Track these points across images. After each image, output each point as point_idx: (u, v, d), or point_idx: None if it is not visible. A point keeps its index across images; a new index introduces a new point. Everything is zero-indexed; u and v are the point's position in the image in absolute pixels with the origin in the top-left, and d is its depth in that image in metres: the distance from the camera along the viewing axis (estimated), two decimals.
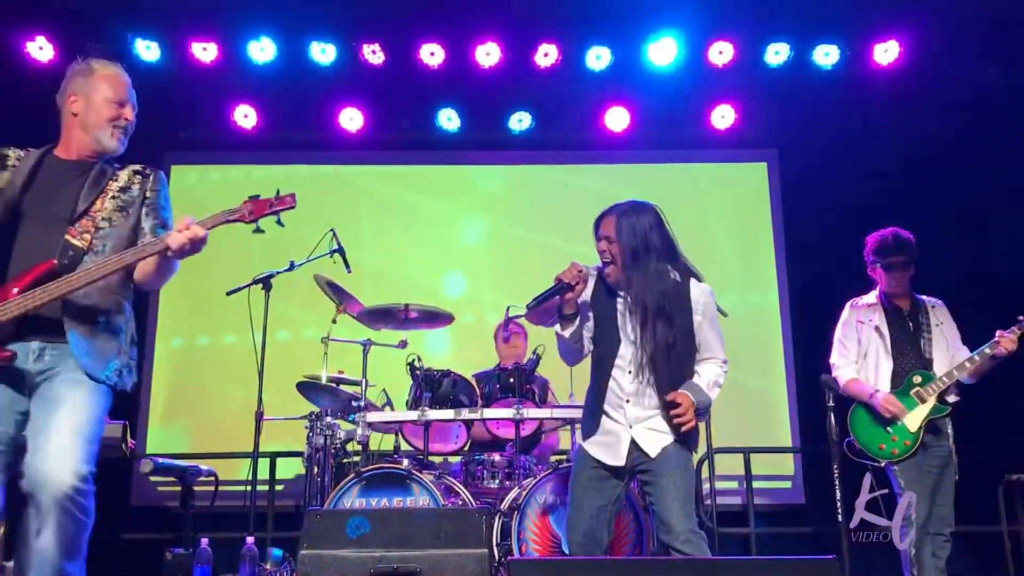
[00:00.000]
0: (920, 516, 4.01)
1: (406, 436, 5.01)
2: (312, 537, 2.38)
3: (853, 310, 4.53)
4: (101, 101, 2.97)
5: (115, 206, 2.88)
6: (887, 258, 4.42)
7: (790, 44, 6.48)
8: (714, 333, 3.48)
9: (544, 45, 6.44)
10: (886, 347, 4.32)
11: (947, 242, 5.93)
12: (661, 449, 3.29)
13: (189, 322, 6.81)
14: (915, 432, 4.12)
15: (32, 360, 2.70)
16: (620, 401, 3.36)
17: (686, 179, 7.08)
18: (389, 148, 7.06)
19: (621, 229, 3.41)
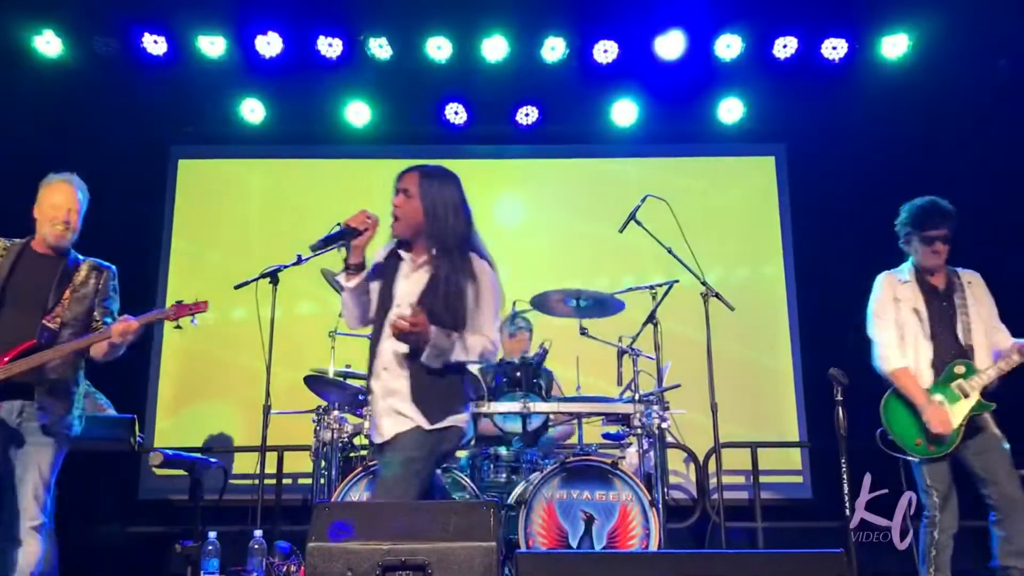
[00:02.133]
0: (948, 518, 3.85)
1: None
2: (319, 530, 2.38)
3: (888, 286, 4.17)
4: (47, 206, 3.77)
5: (76, 298, 3.72)
6: (926, 229, 4.06)
7: (798, 38, 6.46)
8: (487, 311, 3.26)
9: (551, 39, 6.43)
10: (925, 332, 4.01)
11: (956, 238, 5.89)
12: (393, 436, 3.11)
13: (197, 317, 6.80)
14: (956, 429, 3.86)
15: (15, 416, 3.54)
16: (378, 369, 3.23)
17: (693, 173, 7.06)
18: (396, 142, 7.05)
19: (424, 190, 3.31)
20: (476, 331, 3.21)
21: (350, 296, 3.32)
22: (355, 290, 3.30)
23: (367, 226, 3.27)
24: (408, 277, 3.29)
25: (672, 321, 4.95)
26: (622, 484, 4.26)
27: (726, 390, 5.08)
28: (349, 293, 3.31)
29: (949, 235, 4.07)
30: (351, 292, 3.31)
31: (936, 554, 3.83)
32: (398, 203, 3.35)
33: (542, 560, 2.42)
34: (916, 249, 4.12)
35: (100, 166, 6.46)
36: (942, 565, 3.85)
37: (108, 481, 5.87)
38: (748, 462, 6.12)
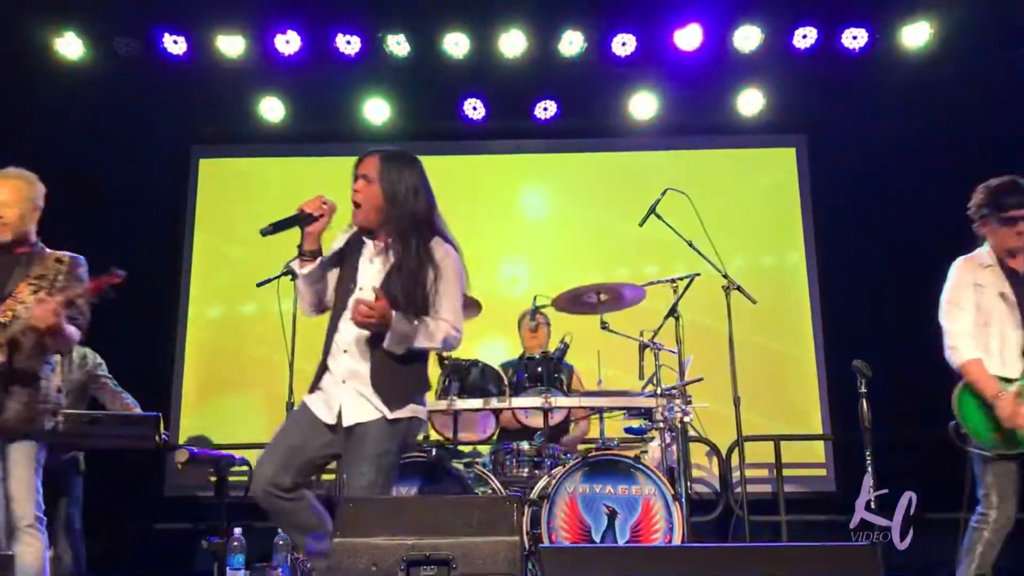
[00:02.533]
0: (1003, 518, 3.65)
1: (435, 425, 5.03)
2: (345, 525, 2.39)
3: (967, 271, 3.86)
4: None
5: (30, 291, 3.56)
6: (1006, 210, 3.76)
7: (817, 28, 6.41)
8: (450, 296, 3.21)
9: (569, 33, 6.41)
10: (1015, 319, 3.71)
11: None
12: (356, 424, 3.08)
13: (219, 317, 6.87)
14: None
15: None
16: (337, 351, 3.18)
17: (714, 166, 7.03)
18: (414, 138, 7.06)
19: (384, 174, 3.23)
20: (439, 317, 3.18)
21: (304, 283, 3.28)
22: (309, 276, 3.26)
23: (322, 212, 3.22)
24: (372, 261, 3.25)
25: (694, 314, 4.92)
26: (645, 478, 4.25)
27: (749, 383, 5.04)
28: (303, 280, 3.27)
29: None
30: (305, 279, 3.26)
31: (981, 551, 3.66)
32: (358, 188, 3.26)
33: (566, 554, 2.42)
34: (995, 231, 3.83)
35: (122, 166, 6.56)
36: (985, 564, 3.67)
37: (134, 479, 5.93)
38: (771, 455, 6.09)
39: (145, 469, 6.14)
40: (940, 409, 5.92)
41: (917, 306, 6.18)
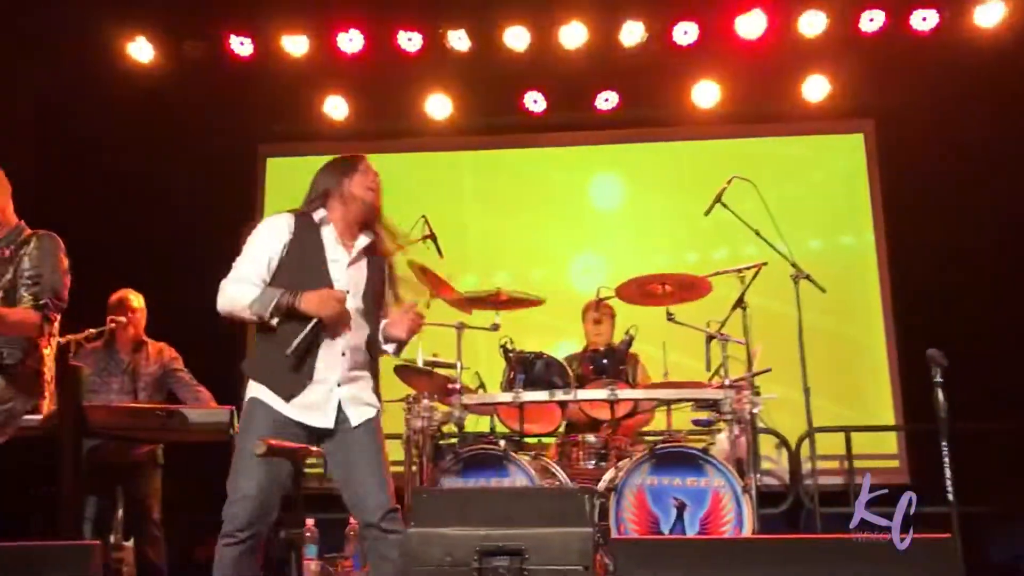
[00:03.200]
0: None
1: (501, 418, 5.06)
2: (418, 516, 2.43)
3: None
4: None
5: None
6: None
7: (885, 10, 6.27)
8: None
9: (629, 22, 6.37)
10: None
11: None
12: (362, 422, 3.14)
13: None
14: None
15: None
16: (334, 355, 3.13)
17: (779, 153, 6.93)
18: (476, 133, 7.11)
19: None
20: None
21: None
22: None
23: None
24: (356, 264, 3.26)
25: (762, 304, 4.87)
26: (713, 470, 4.22)
27: (819, 373, 4.98)
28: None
29: None
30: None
31: None
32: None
33: (638, 546, 2.42)
34: None
35: (192, 166, 6.72)
36: None
37: (207, 470, 6.06)
38: (842, 447, 5.99)
39: (218, 461, 6.28)
40: (1019, 399, 5.81)
41: (991, 293, 6.07)
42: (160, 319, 5.11)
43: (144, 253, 6.38)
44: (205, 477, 5.95)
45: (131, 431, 4.27)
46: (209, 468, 5.95)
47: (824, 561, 2.46)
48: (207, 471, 5.94)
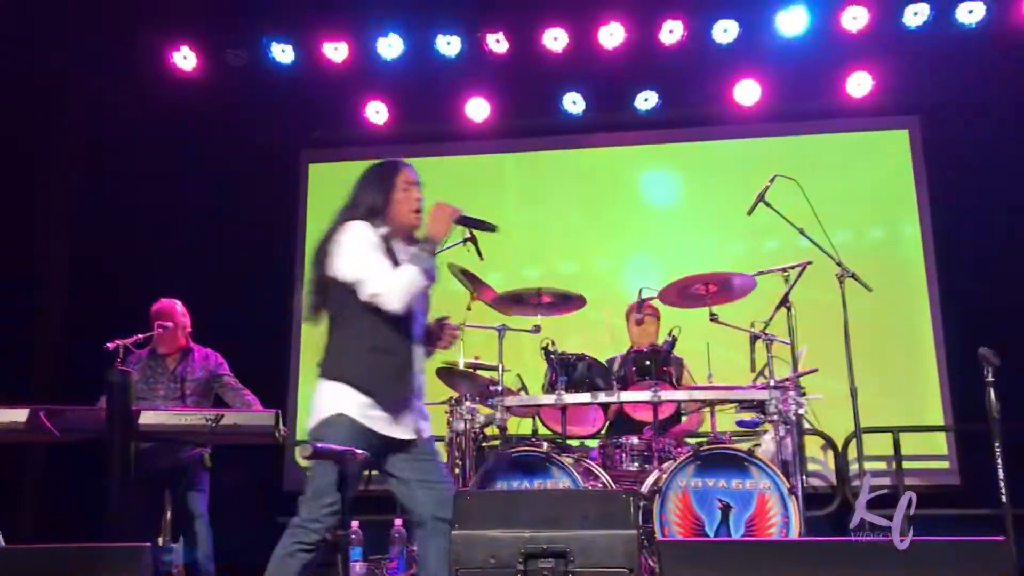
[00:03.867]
0: None
1: (543, 420, 5.05)
2: (463, 517, 2.43)
3: None
4: None
5: None
6: None
7: (930, 3, 6.16)
8: None
9: (669, 21, 6.34)
10: None
11: None
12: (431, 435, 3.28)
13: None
14: None
15: None
16: (416, 370, 3.25)
17: (823, 150, 6.84)
18: (516, 135, 7.12)
19: None
20: None
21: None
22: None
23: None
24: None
25: (807, 303, 4.81)
26: (759, 472, 4.17)
27: (866, 373, 4.90)
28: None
29: None
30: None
31: None
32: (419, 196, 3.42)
33: (685, 548, 2.41)
34: None
35: (235, 173, 6.82)
36: None
37: (255, 472, 6.14)
38: (890, 447, 5.90)
39: (265, 464, 6.36)
40: None
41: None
42: (205, 325, 5.18)
43: (189, 260, 6.48)
44: (251, 479, 6.07)
45: (179, 435, 4.34)
46: (255, 471, 6.09)
47: (872, 564, 2.42)
48: (254, 474, 6.06)
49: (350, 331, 3.16)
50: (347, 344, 3.15)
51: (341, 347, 3.17)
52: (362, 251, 3.15)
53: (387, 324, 3.12)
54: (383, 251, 3.20)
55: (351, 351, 3.13)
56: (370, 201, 3.33)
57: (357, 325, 3.14)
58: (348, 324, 3.17)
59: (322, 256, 3.22)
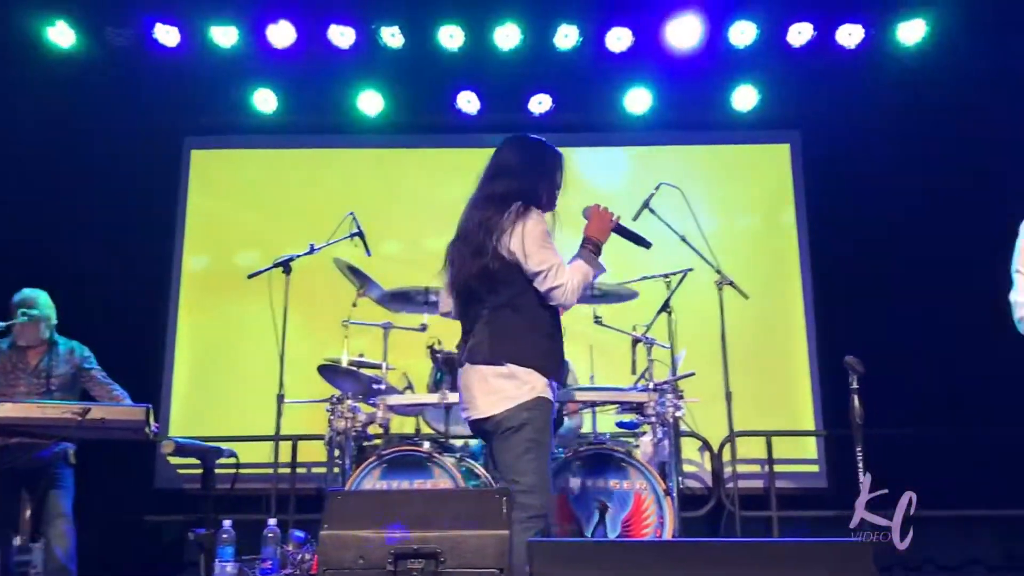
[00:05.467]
0: None
1: (427, 419, 5.02)
2: (333, 518, 2.38)
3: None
4: None
5: None
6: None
7: (813, 24, 6.39)
8: None
9: (564, 26, 6.39)
10: None
11: (975, 221, 5.80)
12: None
13: (210, 308, 6.84)
14: None
15: None
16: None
17: (708, 161, 7.01)
18: (408, 131, 7.05)
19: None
20: None
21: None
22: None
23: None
24: None
25: (686, 309, 4.92)
26: (636, 473, 4.24)
27: (741, 378, 5.05)
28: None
29: None
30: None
31: None
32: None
33: (556, 548, 2.40)
34: None
35: (114, 157, 6.53)
36: None
37: (124, 470, 5.90)
38: (763, 451, 6.09)
39: (135, 461, 6.12)
40: (933, 406, 5.98)
41: (909, 304, 6.23)
42: (74, 317, 4.95)
43: (59, 247, 6.18)
44: (118, 477, 5.82)
45: (41, 429, 4.11)
46: (123, 467, 5.84)
47: (741, 564, 2.46)
48: (120, 471, 5.82)
49: (531, 316, 3.18)
50: (526, 329, 3.17)
51: (520, 332, 3.16)
52: (547, 242, 3.19)
53: (553, 312, 3.23)
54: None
55: (532, 336, 3.17)
56: (542, 190, 3.35)
57: (535, 311, 3.18)
58: (525, 309, 3.18)
59: (492, 230, 3.19)
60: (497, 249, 3.14)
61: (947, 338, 6.01)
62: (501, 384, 3.11)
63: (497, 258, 3.14)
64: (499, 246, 3.14)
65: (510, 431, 3.07)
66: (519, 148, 3.42)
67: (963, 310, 5.70)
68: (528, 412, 3.07)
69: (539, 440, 3.07)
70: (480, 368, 3.17)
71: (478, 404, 3.16)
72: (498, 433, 3.12)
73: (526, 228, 3.14)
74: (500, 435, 3.11)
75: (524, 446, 3.05)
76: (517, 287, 3.17)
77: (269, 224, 6.87)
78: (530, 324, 3.17)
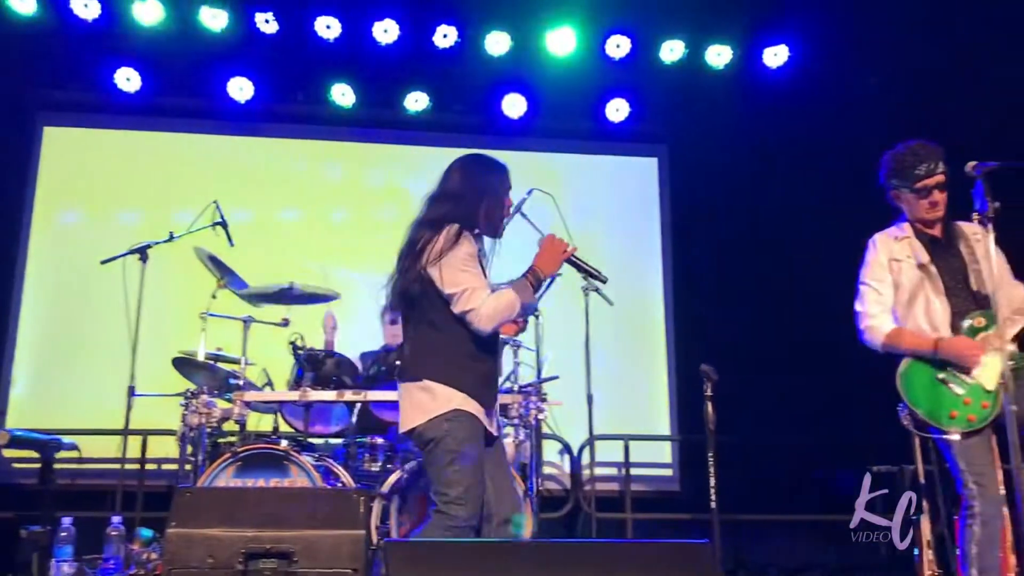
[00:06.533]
0: (991, 507, 3.24)
1: (286, 417, 4.91)
2: (181, 515, 2.29)
3: (882, 247, 3.60)
4: None
5: None
6: (917, 180, 3.47)
7: (685, 42, 6.60)
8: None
9: (444, 26, 6.37)
10: (937, 288, 3.46)
11: (827, 236, 6.10)
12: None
13: (58, 292, 6.46)
14: (992, 391, 3.27)
15: None
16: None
17: (580, 169, 7.13)
18: (280, 121, 6.87)
19: None
20: None
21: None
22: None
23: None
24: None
25: (553, 314, 4.99)
26: (298, 471, 4.21)
27: (603, 384, 5.17)
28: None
29: (947, 179, 3.47)
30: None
31: (978, 552, 3.23)
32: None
33: (413, 549, 2.39)
34: (908, 202, 3.56)
35: None
36: (989, 567, 3.24)
37: None
38: (621, 454, 6.23)
39: None
40: (783, 414, 6.27)
41: (763, 317, 6.52)
42: None
43: None
44: None
45: None
46: None
47: (592, 565, 2.51)
48: None
49: (449, 335, 3.16)
50: (447, 348, 3.16)
51: (438, 350, 3.17)
52: (466, 266, 3.15)
53: (477, 334, 3.16)
54: (479, 260, 3.24)
55: (452, 356, 3.16)
56: (482, 215, 3.33)
57: (455, 331, 3.15)
58: (446, 328, 3.16)
59: (420, 252, 3.18)
60: (421, 270, 3.16)
61: (799, 348, 6.31)
62: (421, 397, 3.14)
63: (419, 279, 3.17)
64: (423, 267, 3.16)
65: (432, 443, 3.09)
66: (466, 172, 3.45)
67: (814, 322, 5.97)
68: (448, 423, 3.09)
69: (461, 451, 3.07)
70: (405, 384, 3.21)
71: (403, 418, 3.20)
72: (422, 446, 3.15)
73: (444, 250, 3.15)
74: (424, 449, 3.14)
75: (446, 458, 3.06)
76: (438, 307, 3.18)
77: (126, 209, 6.57)
78: (448, 342, 3.17)
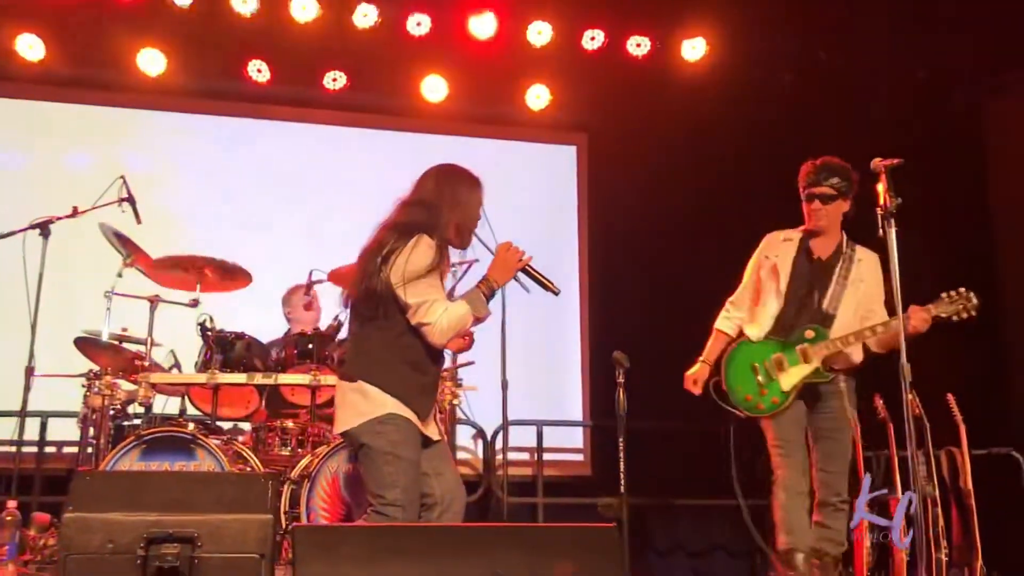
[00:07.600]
0: (794, 476, 3.81)
1: (194, 400, 4.80)
2: (79, 499, 2.22)
3: (764, 243, 4.11)
4: None
5: None
6: (806, 187, 3.91)
7: (605, 32, 6.64)
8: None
9: (364, 5, 6.28)
10: (778, 288, 3.94)
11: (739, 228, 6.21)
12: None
13: None
14: (786, 392, 3.85)
15: None
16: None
17: (499, 156, 7.11)
18: (193, 96, 6.68)
19: None
20: None
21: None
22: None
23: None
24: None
25: None
26: (205, 454, 4.19)
27: (517, 370, 5.19)
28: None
29: (835, 195, 3.86)
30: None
31: (784, 516, 3.77)
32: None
33: (319, 533, 2.37)
34: (804, 207, 3.98)
35: None
36: (794, 527, 3.75)
37: None
38: (534, 439, 6.28)
39: None
40: (692, 401, 6.39)
41: (675, 306, 6.63)
42: None
43: None
44: None
45: None
46: None
47: (502, 547, 2.54)
48: None
49: (394, 342, 3.14)
50: (389, 354, 3.15)
51: (383, 355, 3.15)
52: (427, 277, 3.13)
53: (426, 345, 3.15)
54: (439, 272, 3.22)
55: (394, 363, 3.14)
56: (451, 225, 3.29)
57: (402, 338, 3.14)
58: (393, 334, 3.14)
59: (386, 257, 3.14)
60: (381, 275, 3.13)
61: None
62: (354, 399, 3.11)
63: (379, 283, 3.13)
64: (384, 272, 3.13)
65: (365, 447, 3.06)
66: (440, 181, 3.40)
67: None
68: (381, 426, 3.06)
69: (396, 454, 3.04)
70: (341, 383, 3.19)
71: (337, 418, 3.17)
72: (356, 449, 3.13)
73: (411, 259, 3.12)
74: (359, 452, 3.11)
75: (381, 459, 3.04)
76: (392, 313, 3.14)
77: (29, 182, 6.30)
78: (391, 347, 3.15)
